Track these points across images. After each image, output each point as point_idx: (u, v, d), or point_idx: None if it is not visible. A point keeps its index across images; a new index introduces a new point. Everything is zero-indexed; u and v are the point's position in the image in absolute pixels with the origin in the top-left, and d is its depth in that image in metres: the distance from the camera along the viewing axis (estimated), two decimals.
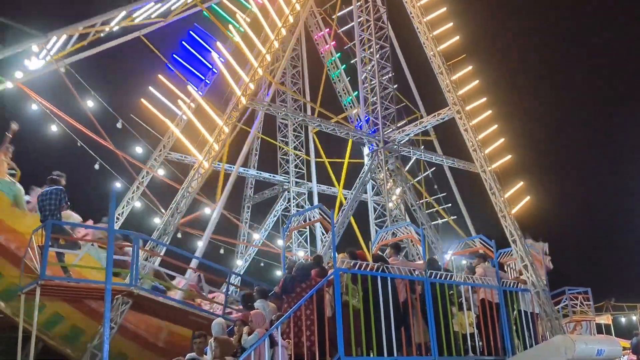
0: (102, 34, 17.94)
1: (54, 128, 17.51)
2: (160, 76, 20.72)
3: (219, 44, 20.50)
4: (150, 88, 20.46)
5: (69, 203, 11.72)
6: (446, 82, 21.82)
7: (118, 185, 20.11)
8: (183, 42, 22.08)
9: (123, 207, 20.35)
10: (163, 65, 20.97)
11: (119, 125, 18.60)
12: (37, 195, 11.83)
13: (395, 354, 9.76)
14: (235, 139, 22.53)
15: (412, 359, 10.34)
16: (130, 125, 19.78)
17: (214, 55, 20.57)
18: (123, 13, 17.51)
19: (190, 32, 22.25)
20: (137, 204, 20.94)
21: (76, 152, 17.90)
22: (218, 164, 21.31)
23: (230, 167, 26.30)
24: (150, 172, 20.93)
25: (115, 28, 18.15)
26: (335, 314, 9.30)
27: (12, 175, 12.76)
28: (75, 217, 13.02)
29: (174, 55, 21.77)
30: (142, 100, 19.98)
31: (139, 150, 20.74)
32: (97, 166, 18.61)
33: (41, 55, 15.90)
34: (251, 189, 29.04)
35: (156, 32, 20.49)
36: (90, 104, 17.64)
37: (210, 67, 21.95)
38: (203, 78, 22.06)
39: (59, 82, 16.94)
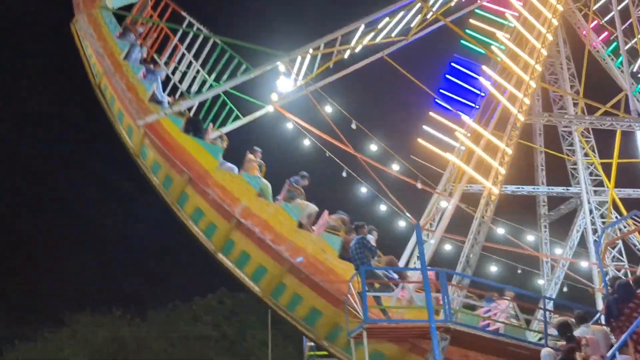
0: (344, 56, 18.69)
1: (306, 142, 19.09)
2: (431, 113, 21.21)
3: (484, 67, 20.17)
4: (425, 127, 21.01)
5: (375, 250, 12.64)
6: None
7: (364, 190, 21.02)
8: (447, 76, 22.34)
9: None
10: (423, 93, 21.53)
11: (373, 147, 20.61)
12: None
13: None
14: (515, 158, 21.73)
15: None
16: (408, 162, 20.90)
17: (481, 79, 20.28)
18: (362, 27, 17.90)
19: (452, 63, 22.42)
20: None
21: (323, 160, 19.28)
22: (505, 187, 20.75)
23: (520, 188, 25.46)
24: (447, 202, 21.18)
25: (358, 49, 18.81)
26: None
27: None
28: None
29: (440, 90, 22.14)
30: (419, 140, 20.64)
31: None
32: (344, 173, 19.82)
33: (291, 79, 17.22)
34: (544, 207, 27.38)
35: (398, 51, 20.79)
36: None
37: (479, 92, 21.68)
38: (473, 105, 21.88)
39: (307, 102, 18.25)
